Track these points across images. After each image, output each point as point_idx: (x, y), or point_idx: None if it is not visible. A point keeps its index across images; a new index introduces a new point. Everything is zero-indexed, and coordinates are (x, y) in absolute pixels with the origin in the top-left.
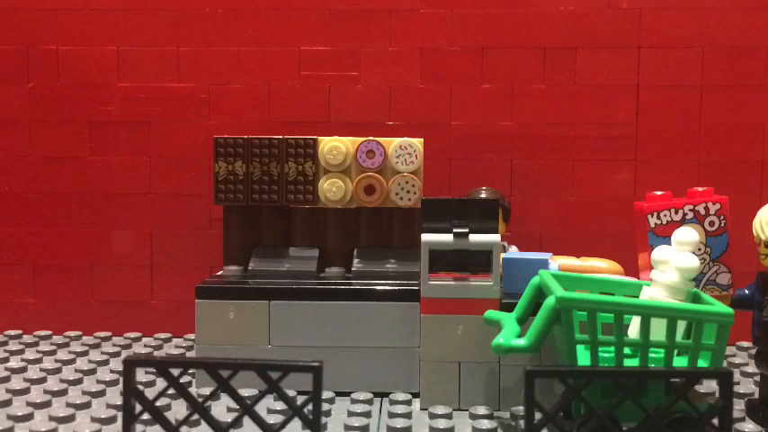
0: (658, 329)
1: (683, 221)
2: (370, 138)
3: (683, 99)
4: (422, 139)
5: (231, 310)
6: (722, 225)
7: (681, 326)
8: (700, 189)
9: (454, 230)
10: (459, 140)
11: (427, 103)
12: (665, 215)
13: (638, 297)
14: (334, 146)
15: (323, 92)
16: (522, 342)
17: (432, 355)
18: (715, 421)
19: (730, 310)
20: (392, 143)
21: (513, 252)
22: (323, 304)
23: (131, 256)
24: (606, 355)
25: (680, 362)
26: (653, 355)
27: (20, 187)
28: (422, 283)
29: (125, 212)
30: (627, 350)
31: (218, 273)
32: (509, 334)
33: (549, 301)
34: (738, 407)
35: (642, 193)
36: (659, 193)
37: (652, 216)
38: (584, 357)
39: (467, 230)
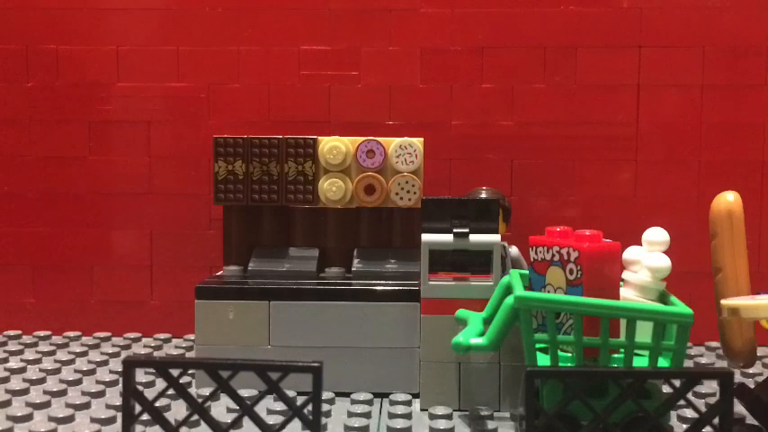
0: (643, 330)
1: (552, 262)
2: (370, 137)
3: (683, 99)
4: (422, 139)
5: (231, 310)
6: (578, 276)
7: (647, 326)
8: (587, 232)
9: (454, 230)
10: (459, 140)
11: (427, 103)
12: (540, 252)
13: None
14: (334, 146)
15: (323, 92)
16: (481, 341)
17: (432, 355)
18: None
19: (690, 311)
20: (392, 143)
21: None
22: (323, 304)
23: (131, 256)
24: (569, 354)
25: (641, 362)
26: (615, 355)
27: (20, 187)
28: (422, 283)
29: (125, 212)
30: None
31: (218, 273)
32: (470, 332)
33: (509, 301)
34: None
35: (642, 192)
36: (559, 228)
37: (532, 250)
38: (545, 356)
39: (467, 230)
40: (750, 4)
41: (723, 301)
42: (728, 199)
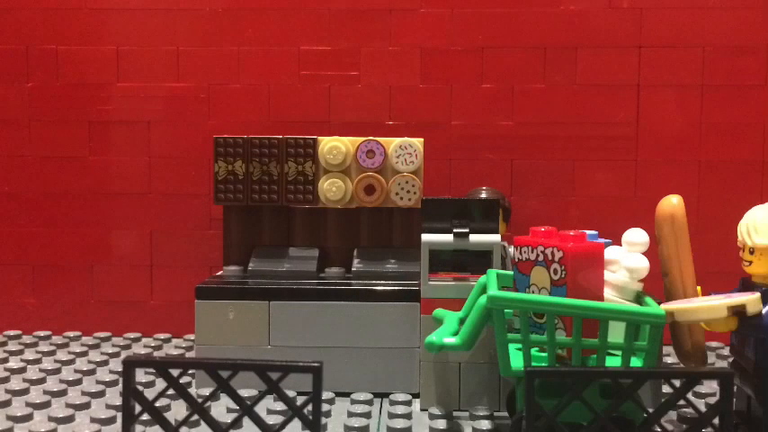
0: (617, 330)
1: (536, 262)
2: (370, 138)
3: (683, 99)
4: (422, 139)
5: (231, 310)
6: (563, 276)
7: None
8: (571, 232)
9: (454, 230)
10: (460, 140)
11: (427, 103)
12: (525, 252)
13: None
14: (334, 146)
15: (323, 92)
16: (453, 340)
17: (432, 356)
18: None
19: (662, 312)
20: (392, 143)
21: None
22: (323, 304)
23: (131, 256)
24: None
25: (613, 362)
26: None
27: (20, 187)
28: (422, 283)
29: (125, 212)
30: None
31: (218, 273)
32: (443, 332)
33: (481, 301)
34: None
35: (642, 193)
36: (543, 228)
37: (517, 250)
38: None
39: (467, 230)
40: (750, 4)
41: (662, 306)
42: (672, 202)
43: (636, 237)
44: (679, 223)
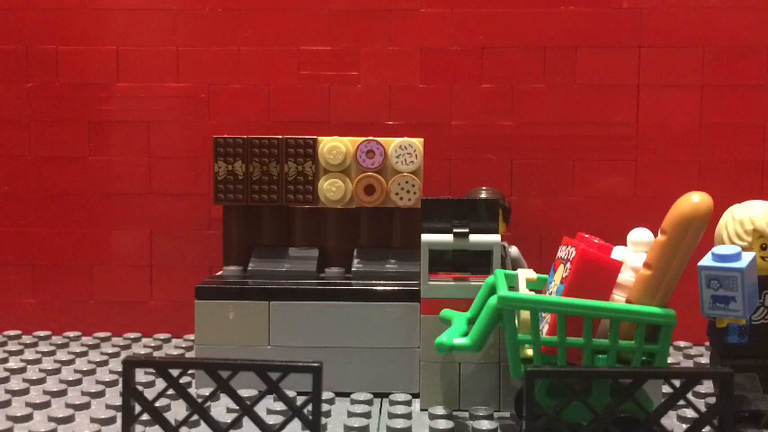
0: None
1: (563, 261)
2: (370, 138)
3: (683, 99)
4: (422, 139)
5: (231, 310)
6: (565, 276)
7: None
8: (585, 235)
9: (454, 230)
10: (459, 140)
11: (427, 103)
12: (563, 250)
13: None
14: (333, 146)
15: (323, 92)
16: (464, 341)
17: (432, 356)
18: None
19: (673, 312)
20: (392, 143)
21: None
22: (323, 304)
23: (131, 256)
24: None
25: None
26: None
27: (19, 187)
28: (422, 284)
29: (125, 212)
30: None
31: (218, 273)
32: (453, 333)
33: (492, 301)
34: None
35: (642, 193)
36: (587, 235)
37: (560, 249)
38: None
39: (467, 230)
40: (750, 4)
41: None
42: (699, 207)
43: (641, 236)
44: (696, 229)
